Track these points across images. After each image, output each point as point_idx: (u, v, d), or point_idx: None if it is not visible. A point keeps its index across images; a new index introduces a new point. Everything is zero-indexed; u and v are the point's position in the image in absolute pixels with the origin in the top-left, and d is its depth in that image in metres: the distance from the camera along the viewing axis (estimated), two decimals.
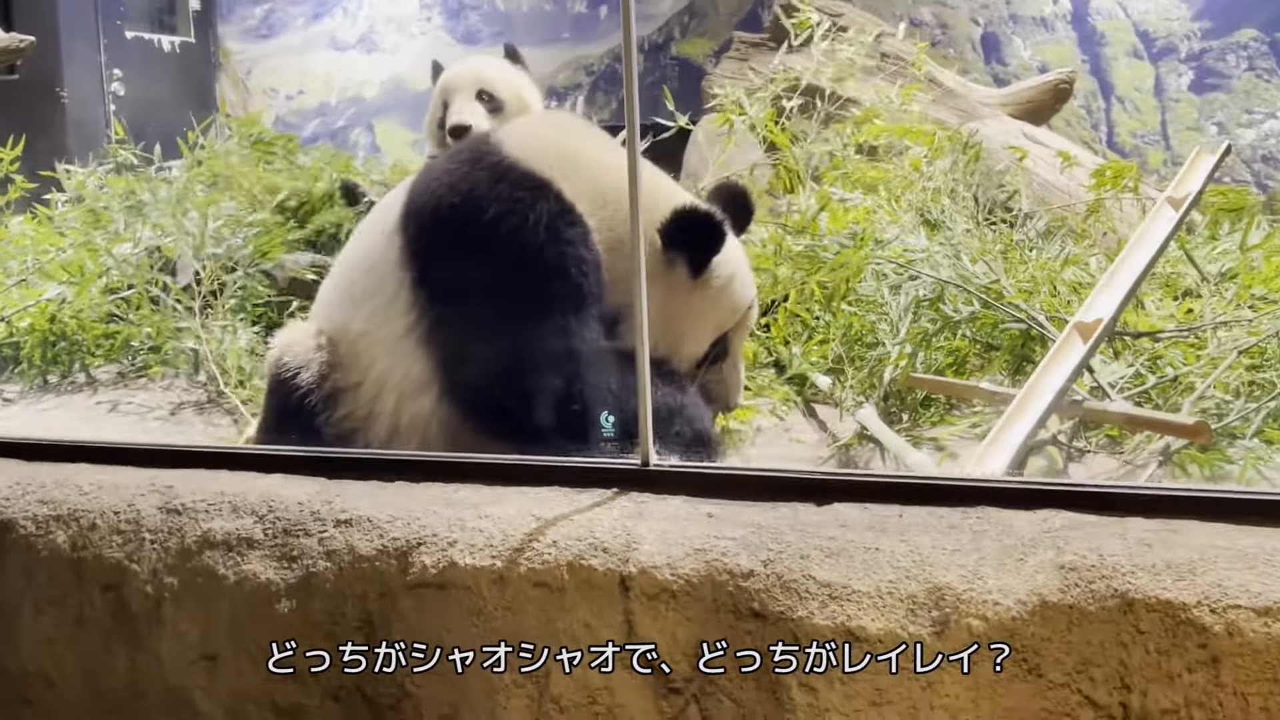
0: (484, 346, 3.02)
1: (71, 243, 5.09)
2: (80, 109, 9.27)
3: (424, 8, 10.09)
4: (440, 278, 3.10)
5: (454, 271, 3.08)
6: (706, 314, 3.25)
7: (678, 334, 3.21)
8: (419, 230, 3.15)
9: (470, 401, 3.06)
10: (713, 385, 3.33)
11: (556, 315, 2.98)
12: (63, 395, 4.50)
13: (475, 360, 3.03)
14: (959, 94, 6.59)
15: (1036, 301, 3.82)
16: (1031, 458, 3.23)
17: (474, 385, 3.03)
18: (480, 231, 3.03)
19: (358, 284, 3.26)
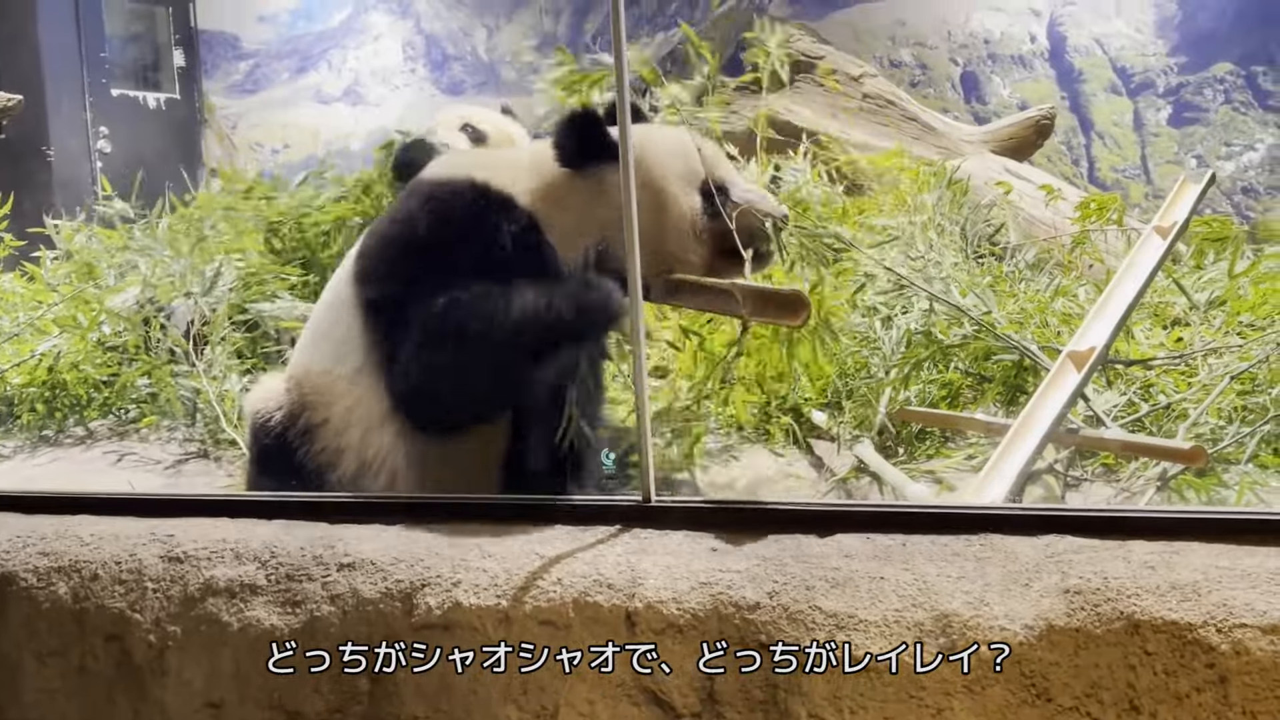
0: (437, 371, 2.97)
1: (63, 297, 5.09)
2: (66, 167, 9.30)
3: (408, 60, 10.17)
4: (386, 307, 3.08)
5: (397, 299, 3.06)
6: (668, 177, 3.09)
7: (657, 220, 3.05)
8: (363, 264, 3.18)
9: (431, 428, 3.07)
10: (737, 217, 3.10)
11: (500, 319, 2.91)
12: (59, 449, 4.49)
13: (431, 387, 2.99)
14: (941, 132, 6.66)
15: (1027, 332, 3.85)
16: (1029, 487, 3.25)
17: (432, 413, 3.04)
18: (415, 252, 3.06)
19: (321, 323, 3.30)
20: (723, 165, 3.16)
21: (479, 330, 2.88)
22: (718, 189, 3.07)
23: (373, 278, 3.13)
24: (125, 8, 10.10)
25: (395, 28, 10.19)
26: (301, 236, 5.06)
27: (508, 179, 3.09)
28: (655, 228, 3.00)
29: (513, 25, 9.83)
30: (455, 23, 10.03)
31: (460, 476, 3.09)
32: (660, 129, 3.20)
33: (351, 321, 3.15)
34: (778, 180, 4.64)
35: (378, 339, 3.08)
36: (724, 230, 3.05)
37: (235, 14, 10.59)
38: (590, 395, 3.05)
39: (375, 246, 3.19)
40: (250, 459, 3.36)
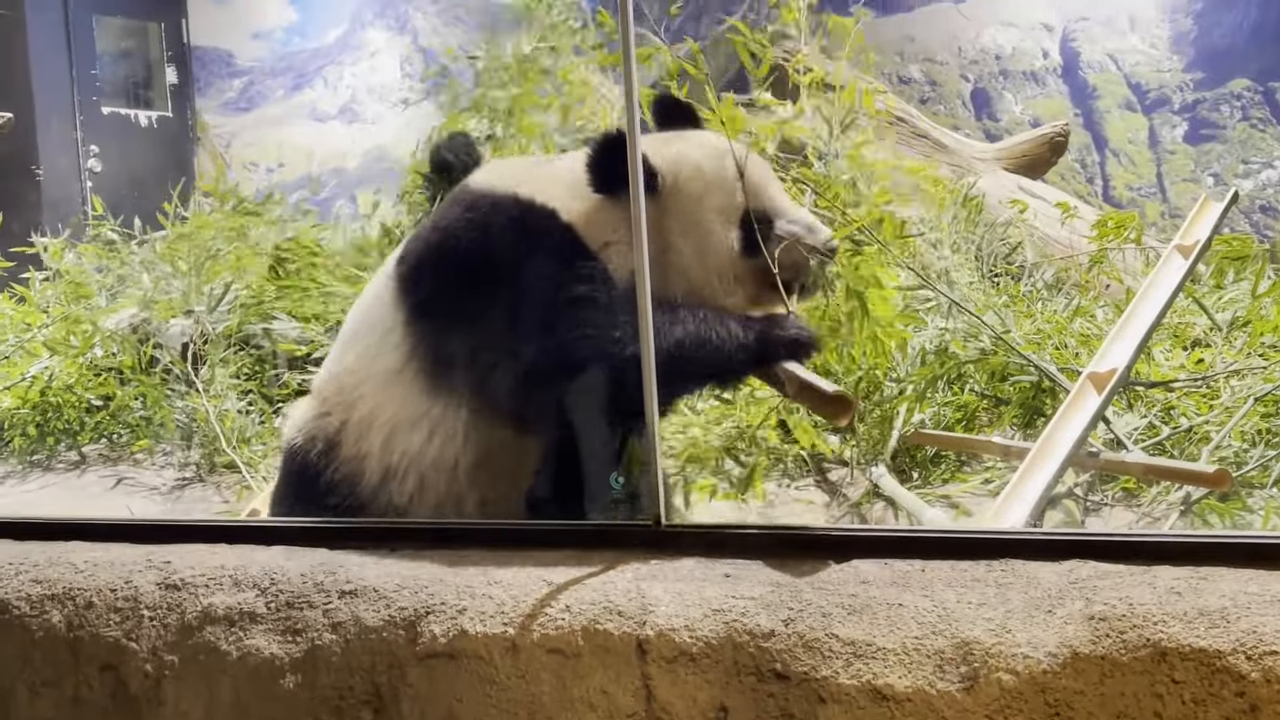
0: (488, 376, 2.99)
1: (53, 318, 5.10)
2: (56, 187, 9.31)
3: (405, 77, 10.18)
4: (431, 313, 3.10)
5: (444, 305, 3.09)
6: (706, 208, 3.02)
7: (694, 250, 3.00)
8: (409, 268, 3.18)
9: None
10: (784, 250, 3.01)
11: (551, 331, 2.91)
12: (51, 473, 4.49)
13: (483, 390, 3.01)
14: (953, 149, 6.67)
15: (1045, 353, 3.85)
16: (1049, 511, 3.24)
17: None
18: (459, 260, 3.08)
19: (357, 326, 3.31)
20: (769, 189, 3.06)
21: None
22: (760, 220, 2.99)
23: (420, 281, 3.14)
24: (117, 24, 10.14)
25: (393, 44, 10.20)
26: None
27: (558, 195, 3.06)
28: (692, 266, 2.97)
29: (512, 43, 9.86)
30: (454, 40, 10.04)
31: (490, 486, 3.07)
32: (700, 146, 3.10)
33: (393, 323, 3.15)
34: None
35: (427, 341, 3.09)
36: (765, 267, 2.97)
37: (229, 30, 10.62)
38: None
39: (422, 251, 3.19)
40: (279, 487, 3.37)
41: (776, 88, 7.87)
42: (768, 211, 3.02)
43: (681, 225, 2.96)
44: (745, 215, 3.00)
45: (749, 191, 3.00)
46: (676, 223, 2.95)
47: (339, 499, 3.11)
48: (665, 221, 2.96)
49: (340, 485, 3.13)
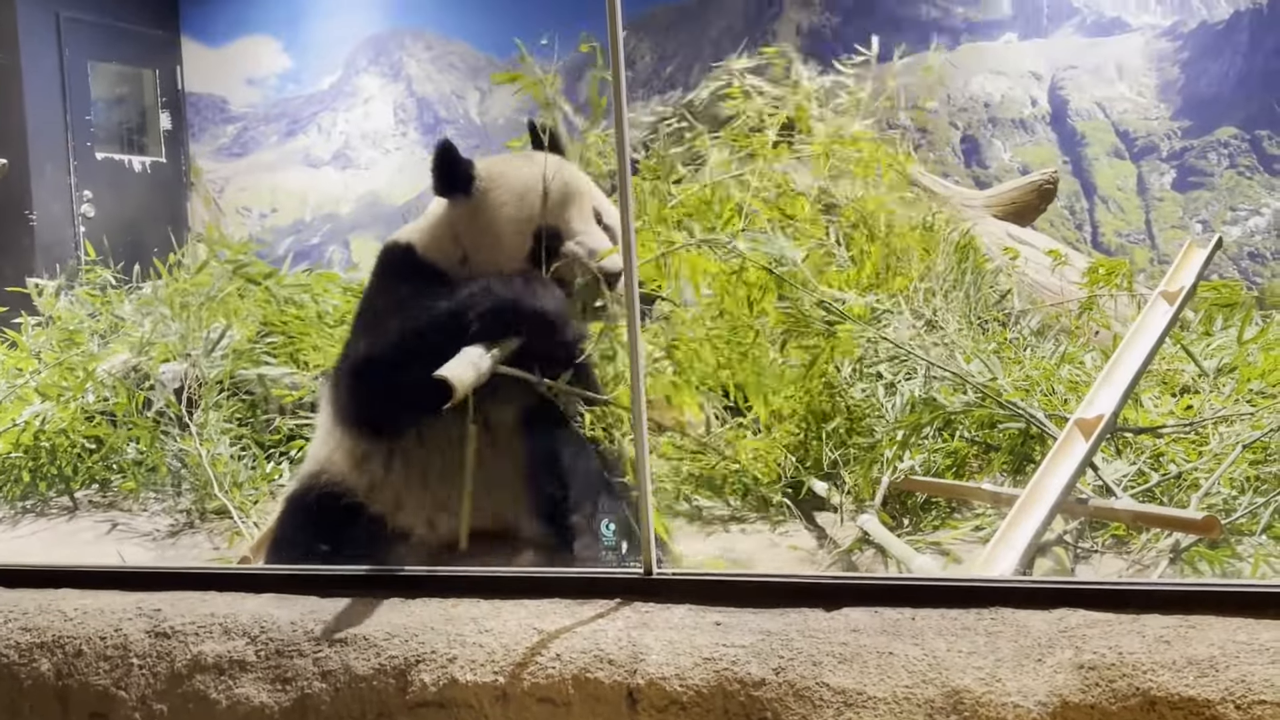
0: (359, 377, 3.28)
1: (46, 364, 5.11)
2: (49, 231, 9.35)
3: (399, 123, 10.24)
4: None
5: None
6: (508, 217, 3.28)
7: (490, 250, 3.27)
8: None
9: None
10: (563, 265, 3.27)
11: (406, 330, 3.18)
12: (43, 519, 4.49)
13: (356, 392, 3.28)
14: (942, 196, 6.71)
15: (1034, 400, 3.86)
16: (1038, 559, 3.24)
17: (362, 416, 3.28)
18: (360, 304, 3.59)
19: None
20: (569, 210, 3.30)
21: (387, 341, 3.17)
22: (552, 236, 3.24)
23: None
24: (112, 71, 10.21)
25: (386, 91, 10.27)
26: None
27: (405, 231, 3.47)
28: (489, 267, 3.25)
29: (505, 88, 9.91)
30: (448, 86, 10.11)
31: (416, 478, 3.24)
32: (523, 163, 3.39)
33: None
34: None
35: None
36: (559, 278, 3.22)
37: (223, 77, 10.69)
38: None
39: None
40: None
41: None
42: (560, 230, 3.26)
43: (483, 229, 3.28)
44: (535, 231, 3.25)
45: (548, 208, 3.25)
46: (481, 226, 3.28)
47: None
48: (474, 224, 3.30)
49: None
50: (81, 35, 9.75)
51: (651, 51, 9.34)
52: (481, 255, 3.27)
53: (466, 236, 3.30)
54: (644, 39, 9.36)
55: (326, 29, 10.40)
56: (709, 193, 4.43)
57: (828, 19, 8.87)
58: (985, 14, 8.40)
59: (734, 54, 5.39)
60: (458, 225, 3.33)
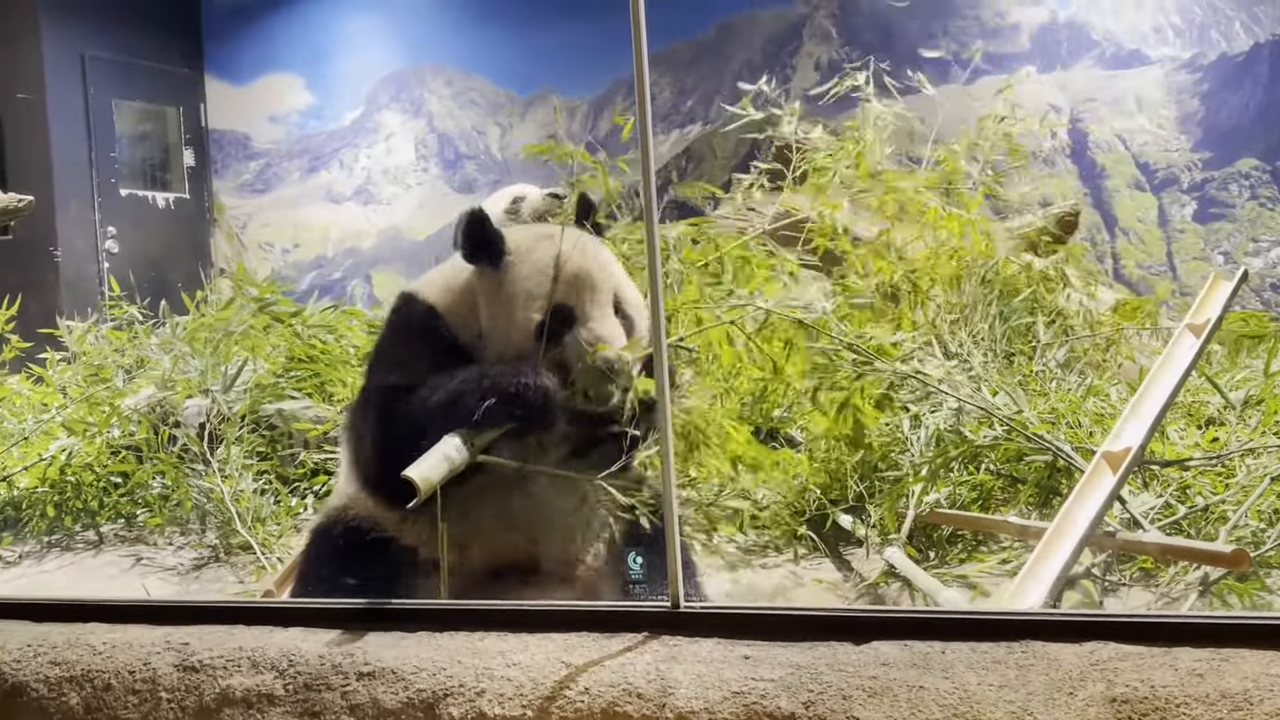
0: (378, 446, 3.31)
1: (72, 400, 5.14)
2: (74, 267, 9.43)
3: (420, 159, 10.31)
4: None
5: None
6: (525, 292, 3.29)
7: (504, 323, 3.29)
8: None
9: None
10: (565, 350, 3.25)
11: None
12: (69, 553, 4.50)
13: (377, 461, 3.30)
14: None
15: (1060, 432, 3.85)
16: (1066, 592, 3.23)
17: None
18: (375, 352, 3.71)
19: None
20: (586, 292, 3.29)
21: (399, 416, 3.19)
22: (565, 318, 3.24)
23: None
24: (136, 108, 10.31)
25: (407, 127, 10.35)
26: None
27: (427, 284, 3.48)
28: (501, 337, 3.28)
29: (526, 124, 9.98)
30: (468, 121, 10.19)
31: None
32: (546, 237, 3.38)
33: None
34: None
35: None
36: (560, 361, 3.21)
37: (246, 114, 10.79)
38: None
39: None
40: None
41: (783, 167, 7.94)
42: (573, 311, 3.26)
43: (502, 301, 3.29)
44: (553, 308, 3.25)
45: (564, 289, 3.25)
46: (501, 299, 3.29)
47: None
48: (496, 295, 3.30)
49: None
50: (106, 74, 9.86)
51: (670, 86, 9.40)
52: (497, 326, 3.29)
53: (486, 306, 3.32)
54: (663, 74, 9.41)
55: (348, 66, 10.50)
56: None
57: (846, 53, 8.91)
58: (1004, 48, 8.43)
59: (753, 89, 5.39)
60: (479, 293, 3.34)
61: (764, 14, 9.23)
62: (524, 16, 9.61)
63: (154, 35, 10.29)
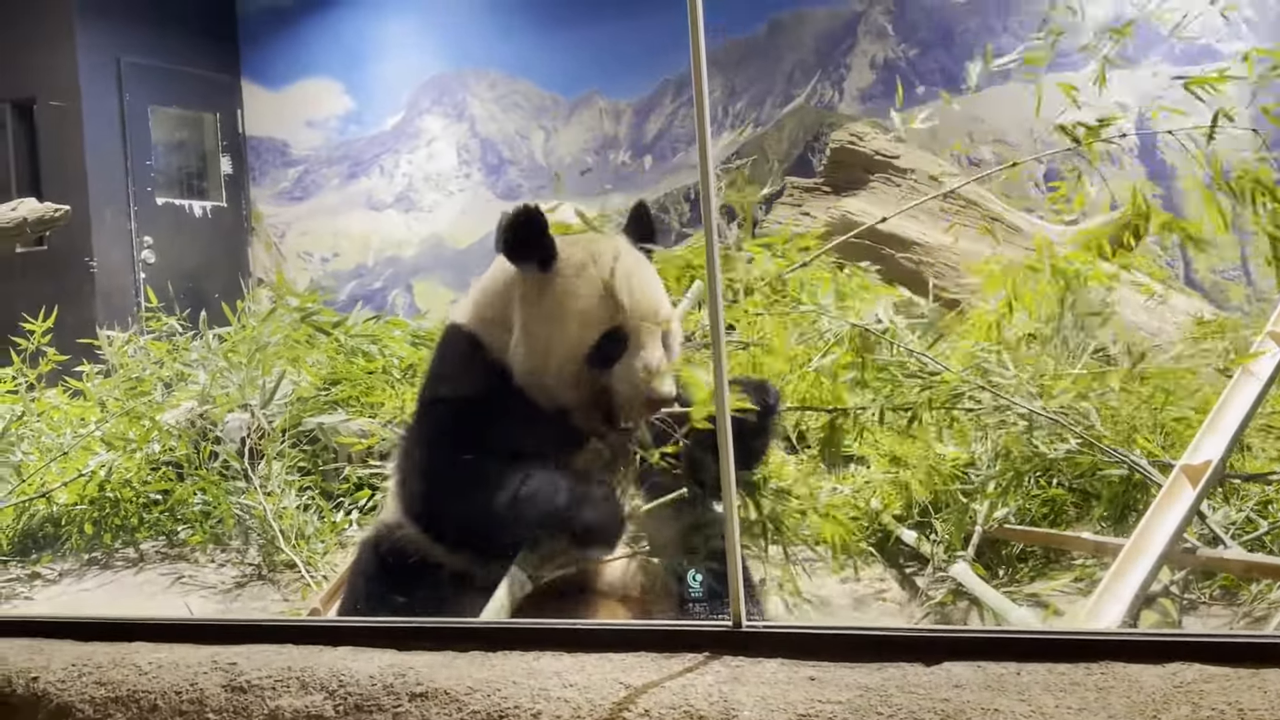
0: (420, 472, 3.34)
1: (111, 413, 5.20)
2: (109, 278, 9.54)
3: (462, 164, 10.37)
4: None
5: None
6: (578, 311, 3.22)
7: (547, 339, 3.23)
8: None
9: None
10: (614, 378, 3.20)
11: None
12: (109, 571, 4.55)
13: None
14: (1028, 233, 6.68)
15: (1135, 446, 3.81)
16: (1143, 611, 3.20)
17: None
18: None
19: None
20: (645, 320, 3.23)
21: (452, 457, 3.17)
22: (617, 344, 3.19)
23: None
24: (172, 115, 10.42)
25: (449, 131, 10.41)
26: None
27: (468, 309, 3.44)
28: (541, 351, 3.23)
29: (571, 127, 10.02)
30: (511, 126, 10.24)
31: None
32: (604, 253, 3.31)
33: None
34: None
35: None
36: (605, 386, 3.17)
37: (284, 120, 10.89)
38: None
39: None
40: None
41: (839, 170, 7.94)
42: (629, 340, 3.19)
43: (548, 312, 3.22)
44: (607, 331, 3.19)
45: (623, 312, 3.20)
46: (546, 307, 3.22)
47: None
48: (540, 303, 3.23)
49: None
50: (142, 80, 9.97)
51: (721, 87, 9.41)
52: (537, 340, 3.23)
53: (524, 311, 3.26)
54: (713, 74, 9.43)
55: (388, 70, 10.58)
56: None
57: (903, 51, 8.89)
58: (1069, 44, 8.37)
59: (806, 89, 5.38)
60: (517, 297, 3.29)
61: (817, 11, 9.22)
62: (569, 17, 9.65)
63: (190, 40, 10.41)
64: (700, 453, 3.04)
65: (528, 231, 3.23)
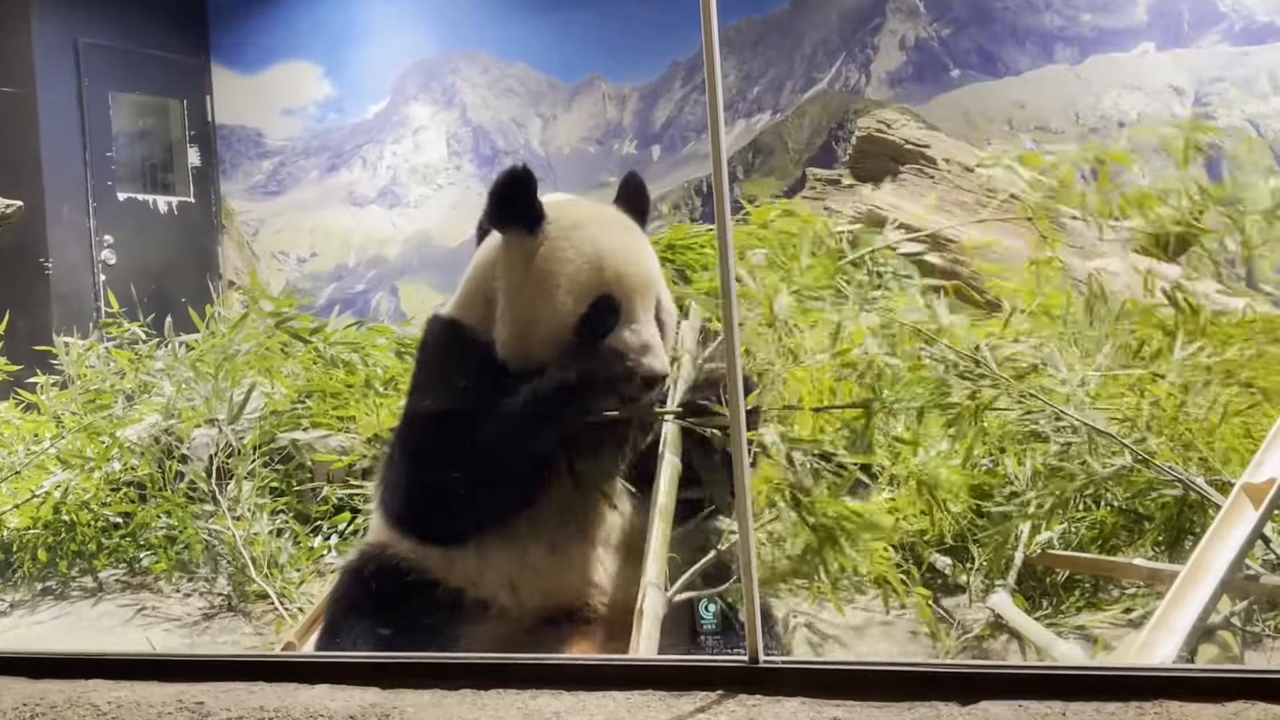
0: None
1: (67, 428, 5.20)
2: (66, 280, 9.53)
3: (452, 155, 10.36)
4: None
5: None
6: (566, 276, 3.29)
7: (532, 305, 3.29)
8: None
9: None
10: (607, 353, 3.27)
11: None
12: (64, 602, 4.55)
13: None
14: (1073, 229, 6.66)
15: (1191, 464, 3.80)
16: (1201, 644, 3.19)
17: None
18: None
19: None
20: (637, 292, 3.32)
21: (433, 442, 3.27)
22: (608, 314, 3.28)
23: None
24: (134, 102, 10.42)
25: (438, 119, 10.40)
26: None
27: (452, 301, 3.53)
28: (527, 317, 3.31)
29: (571, 115, 10.01)
30: (507, 113, 10.22)
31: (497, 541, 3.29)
32: (598, 223, 3.41)
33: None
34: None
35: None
36: (593, 355, 3.24)
37: (258, 107, 10.87)
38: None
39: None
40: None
41: (865, 160, 7.94)
42: (620, 308, 3.29)
43: (535, 276, 3.30)
44: (597, 300, 3.28)
45: (614, 280, 3.29)
46: (534, 272, 3.30)
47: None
48: (528, 268, 3.31)
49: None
50: (102, 63, 9.96)
51: (736, 70, 9.40)
52: (521, 306, 3.30)
53: (507, 276, 3.33)
54: (728, 56, 9.42)
55: (371, 53, 10.56)
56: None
57: (936, 30, 8.88)
58: (1117, 22, 8.36)
59: (829, 72, 5.38)
60: (500, 267, 3.35)
61: None
62: None
63: (154, 19, 10.37)
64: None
65: (516, 191, 3.31)
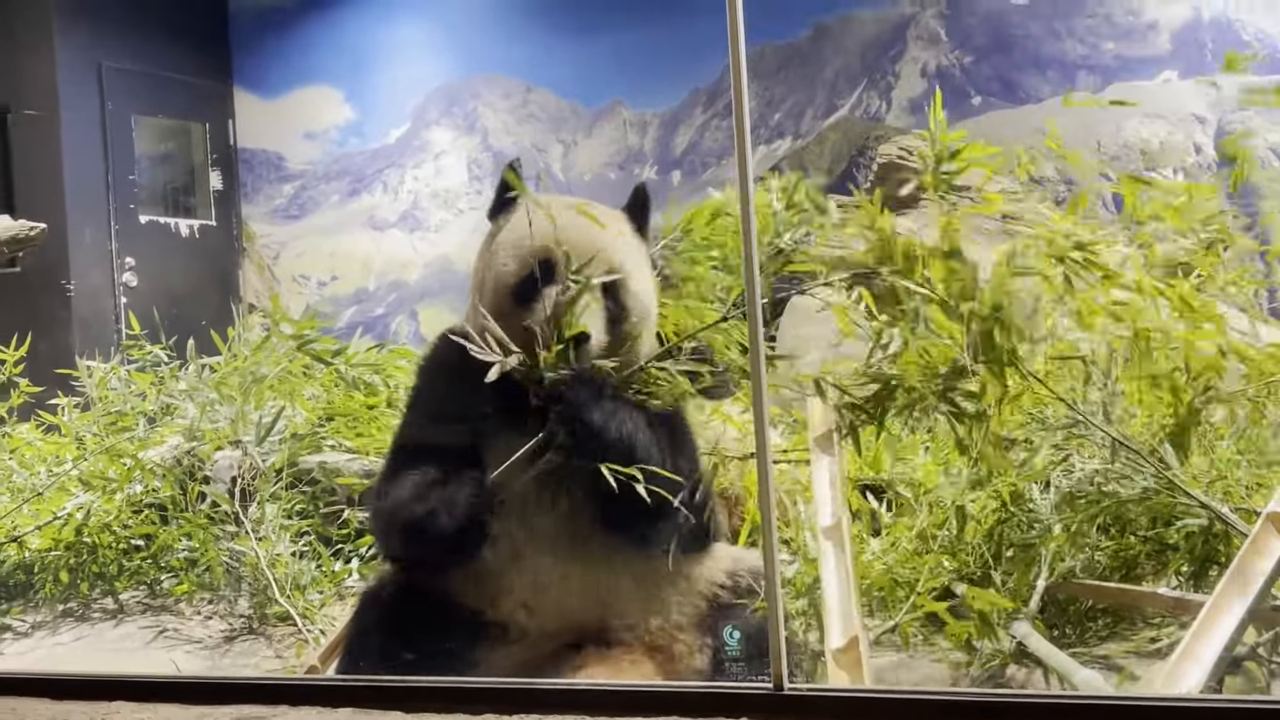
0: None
1: (89, 450, 5.21)
2: (88, 303, 9.56)
3: (473, 180, 10.38)
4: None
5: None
6: (508, 238, 3.48)
7: (485, 278, 3.51)
8: None
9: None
10: (533, 313, 3.37)
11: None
12: (85, 623, 4.55)
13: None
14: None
15: (1215, 492, 3.78)
16: (1227, 676, 3.17)
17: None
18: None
19: None
20: (567, 252, 3.39)
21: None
22: (544, 276, 3.37)
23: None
24: (157, 125, 10.46)
25: (459, 144, 10.42)
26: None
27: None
28: (484, 291, 3.49)
29: (593, 140, 10.03)
30: (527, 138, 10.24)
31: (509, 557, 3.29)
32: (562, 204, 3.56)
33: None
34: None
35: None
36: (529, 325, 3.34)
37: (279, 131, 10.90)
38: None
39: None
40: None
41: (887, 185, 7.94)
42: (555, 271, 3.39)
43: (493, 246, 3.55)
44: (539, 262, 3.41)
45: (544, 241, 3.41)
46: (493, 245, 3.56)
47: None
48: (489, 247, 3.60)
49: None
50: (125, 86, 10.00)
51: (758, 96, 9.41)
52: (483, 282, 3.51)
53: (478, 261, 3.58)
54: (749, 82, 9.41)
55: (393, 78, 10.58)
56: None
57: (958, 58, 8.89)
58: (1140, 50, 8.37)
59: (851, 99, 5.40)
60: (482, 252, 3.58)
61: (863, 14, 9.22)
62: (591, 20, 9.65)
63: (177, 44, 10.41)
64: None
65: (503, 185, 3.58)
